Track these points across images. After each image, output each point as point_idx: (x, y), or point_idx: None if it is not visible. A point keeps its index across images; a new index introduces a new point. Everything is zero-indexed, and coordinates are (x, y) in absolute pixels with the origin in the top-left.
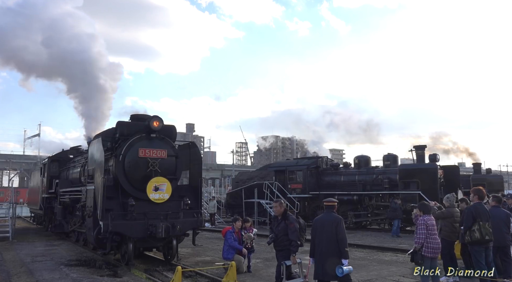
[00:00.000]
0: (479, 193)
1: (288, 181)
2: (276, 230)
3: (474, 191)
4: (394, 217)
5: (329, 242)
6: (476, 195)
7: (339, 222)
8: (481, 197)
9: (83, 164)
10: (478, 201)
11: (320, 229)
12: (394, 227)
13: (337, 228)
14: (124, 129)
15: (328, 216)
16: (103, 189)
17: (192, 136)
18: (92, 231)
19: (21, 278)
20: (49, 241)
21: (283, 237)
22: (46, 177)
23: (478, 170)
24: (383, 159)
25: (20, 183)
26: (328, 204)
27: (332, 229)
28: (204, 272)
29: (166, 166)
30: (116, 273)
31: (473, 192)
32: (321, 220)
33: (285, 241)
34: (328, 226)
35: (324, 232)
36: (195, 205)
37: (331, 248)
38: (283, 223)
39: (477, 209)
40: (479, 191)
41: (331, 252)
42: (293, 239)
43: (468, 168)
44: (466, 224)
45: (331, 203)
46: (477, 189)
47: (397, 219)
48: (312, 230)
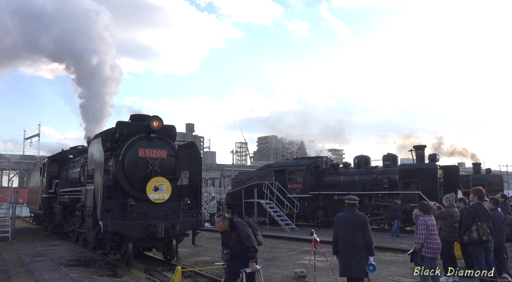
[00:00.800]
0: (479, 193)
1: (288, 181)
2: (230, 243)
3: (474, 191)
4: (394, 217)
5: (356, 240)
6: (476, 195)
7: (366, 220)
8: (481, 197)
9: (83, 164)
10: (478, 201)
11: (345, 227)
12: (394, 227)
13: (365, 226)
14: (124, 129)
15: (352, 214)
16: (103, 189)
17: (192, 136)
18: (92, 231)
19: (20, 278)
20: (48, 241)
21: (240, 248)
22: (46, 177)
23: (477, 170)
24: (383, 159)
25: (19, 183)
26: (350, 202)
27: (359, 227)
28: (204, 272)
29: (165, 166)
30: (115, 273)
31: (473, 192)
32: (345, 218)
33: (244, 250)
34: (354, 224)
35: (350, 230)
36: (194, 205)
37: (358, 246)
38: (234, 234)
39: (476, 209)
40: (479, 191)
41: (358, 250)
42: (250, 246)
43: (468, 168)
44: (465, 224)
45: (353, 201)
46: (477, 189)
47: (397, 219)
48: (335, 228)
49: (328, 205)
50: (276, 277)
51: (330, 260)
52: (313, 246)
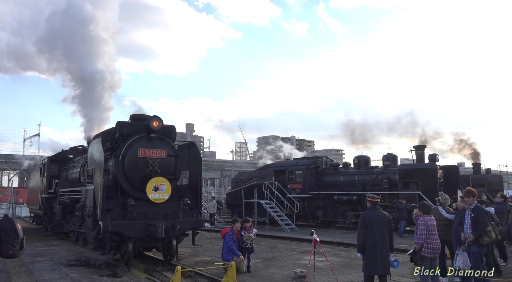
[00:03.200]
0: (475, 194)
1: (287, 181)
2: None
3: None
4: (399, 217)
5: (385, 237)
6: (473, 196)
7: (390, 218)
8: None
9: (83, 164)
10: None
11: (377, 224)
12: (401, 227)
13: (390, 224)
14: (124, 129)
15: (377, 212)
16: (103, 189)
17: (192, 136)
18: (92, 231)
19: (20, 278)
20: (48, 241)
21: None
22: (46, 177)
23: (477, 170)
24: (383, 159)
25: (19, 183)
26: (374, 200)
27: (389, 225)
28: (204, 272)
29: (165, 166)
30: (115, 273)
31: (470, 195)
32: (375, 216)
33: None
34: (381, 221)
35: (382, 227)
36: (194, 205)
37: (384, 243)
38: None
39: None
40: (474, 192)
41: (385, 247)
42: None
43: (468, 168)
44: (484, 225)
45: (375, 199)
46: (472, 191)
47: (403, 219)
48: (364, 226)
49: (328, 205)
50: (276, 277)
51: (330, 260)
52: (313, 246)
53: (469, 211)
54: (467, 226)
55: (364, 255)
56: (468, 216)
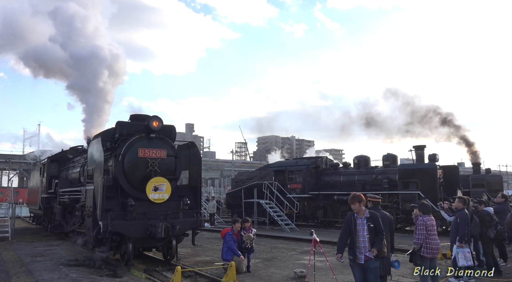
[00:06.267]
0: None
1: (287, 181)
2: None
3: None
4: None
5: (387, 237)
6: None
7: (392, 218)
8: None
9: (83, 164)
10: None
11: None
12: None
13: (391, 224)
14: (124, 129)
15: (381, 212)
16: (103, 189)
17: (192, 136)
18: (92, 231)
19: (20, 278)
20: (48, 241)
21: None
22: (46, 177)
23: (477, 170)
24: (383, 159)
25: (19, 183)
26: (375, 200)
27: (390, 225)
28: (204, 272)
29: (165, 166)
30: (115, 273)
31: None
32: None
33: None
34: (383, 221)
35: (384, 227)
36: (194, 205)
37: (386, 243)
38: None
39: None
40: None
41: (386, 247)
42: None
43: (468, 168)
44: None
45: (377, 199)
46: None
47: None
48: None
49: (328, 205)
50: (276, 277)
51: (330, 260)
52: (313, 246)
53: (363, 221)
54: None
55: None
56: (365, 226)
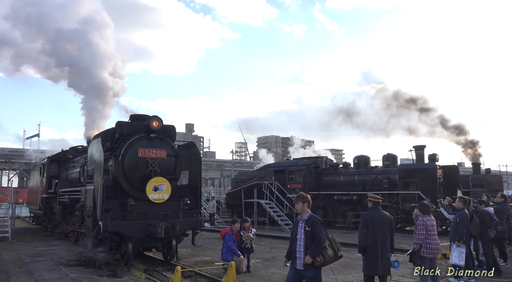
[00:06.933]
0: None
1: (287, 181)
2: None
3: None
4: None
5: (385, 238)
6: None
7: (392, 218)
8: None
9: (83, 164)
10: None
11: (378, 225)
12: None
13: (391, 224)
14: (124, 129)
15: (379, 212)
16: (103, 189)
17: (192, 136)
18: (92, 231)
19: (20, 278)
20: (48, 241)
21: None
22: (46, 177)
23: (477, 170)
24: (383, 159)
25: (19, 183)
26: (376, 200)
27: (390, 225)
28: (204, 272)
29: (165, 166)
30: (115, 273)
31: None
32: (378, 216)
33: None
34: (382, 221)
35: (383, 228)
36: (194, 205)
37: (385, 243)
38: None
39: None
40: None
41: (387, 247)
42: None
43: (468, 168)
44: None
45: (377, 199)
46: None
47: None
48: (365, 226)
49: (328, 205)
50: (276, 277)
51: None
52: None
53: (302, 223)
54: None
55: (365, 255)
56: (302, 229)
